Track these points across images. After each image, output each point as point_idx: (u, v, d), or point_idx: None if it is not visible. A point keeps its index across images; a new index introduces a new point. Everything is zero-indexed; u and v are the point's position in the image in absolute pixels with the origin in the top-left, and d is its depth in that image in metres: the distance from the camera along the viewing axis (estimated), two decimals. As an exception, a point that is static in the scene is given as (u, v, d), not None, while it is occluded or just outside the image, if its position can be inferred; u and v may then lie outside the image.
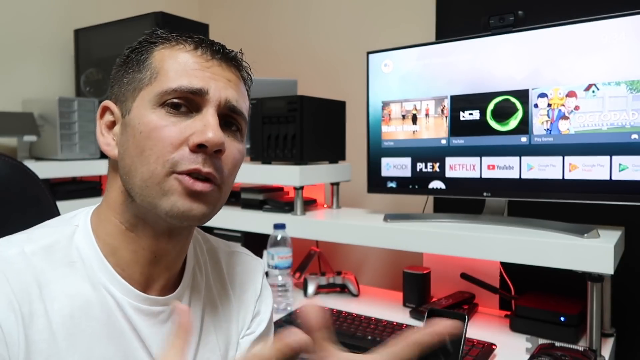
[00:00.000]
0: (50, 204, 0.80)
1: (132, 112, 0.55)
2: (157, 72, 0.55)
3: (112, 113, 0.58)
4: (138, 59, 0.57)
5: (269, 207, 1.41)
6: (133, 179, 0.54)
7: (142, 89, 0.55)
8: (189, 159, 0.53)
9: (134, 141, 0.54)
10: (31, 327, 0.51)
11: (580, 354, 0.91)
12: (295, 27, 1.92)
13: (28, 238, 0.56)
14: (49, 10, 1.71)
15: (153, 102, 0.54)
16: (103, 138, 0.59)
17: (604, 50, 1.01)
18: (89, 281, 0.55)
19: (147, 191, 0.53)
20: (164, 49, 0.57)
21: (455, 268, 1.27)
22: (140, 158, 0.53)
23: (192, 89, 0.54)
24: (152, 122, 0.53)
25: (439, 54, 1.21)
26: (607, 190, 1.02)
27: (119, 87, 0.58)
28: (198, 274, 0.65)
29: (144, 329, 0.57)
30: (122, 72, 0.58)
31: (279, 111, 1.33)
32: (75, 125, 1.51)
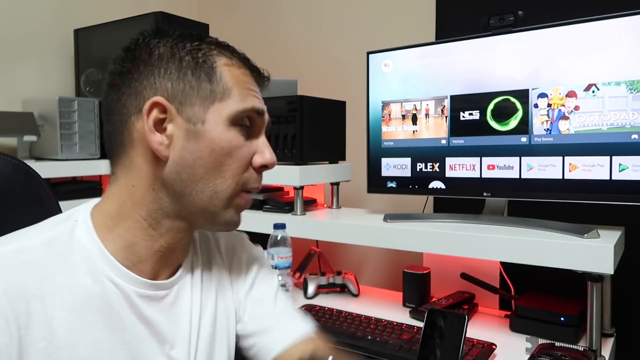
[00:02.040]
0: (53, 204, 0.80)
1: (209, 125, 0.57)
2: (230, 89, 0.58)
3: (164, 111, 0.56)
4: (202, 66, 0.58)
5: (269, 207, 1.41)
6: (202, 188, 0.58)
7: (215, 102, 0.58)
8: (255, 178, 0.61)
9: (212, 154, 0.57)
10: (28, 327, 0.50)
11: (580, 354, 0.91)
12: (295, 27, 1.92)
13: (27, 234, 0.56)
14: (49, 10, 1.71)
15: (230, 120, 0.58)
16: (155, 136, 0.56)
17: (604, 50, 1.01)
18: (90, 275, 0.56)
19: (215, 202, 0.59)
20: (227, 66, 0.59)
21: (455, 268, 1.27)
22: (216, 171, 0.58)
23: (259, 110, 0.61)
24: (233, 141, 0.58)
25: (439, 54, 1.21)
26: (607, 190, 1.02)
27: (175, 87, 0.57)
28: (193, 255, 0.68)
29: (153, 314, 0.59)
30: (177, 73, 0.57)
31: (279, 111, 1.33)
32: (75, 125, 1.50)
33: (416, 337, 1.00)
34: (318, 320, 1.12)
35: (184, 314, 0.63)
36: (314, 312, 1.17)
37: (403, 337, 1.02)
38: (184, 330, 0.63)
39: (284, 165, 1.34)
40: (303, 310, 1.18)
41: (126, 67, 0.59)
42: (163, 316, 0.60)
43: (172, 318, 0.62)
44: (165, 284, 0.62)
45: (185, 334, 0.63)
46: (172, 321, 0.61)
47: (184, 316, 0.63)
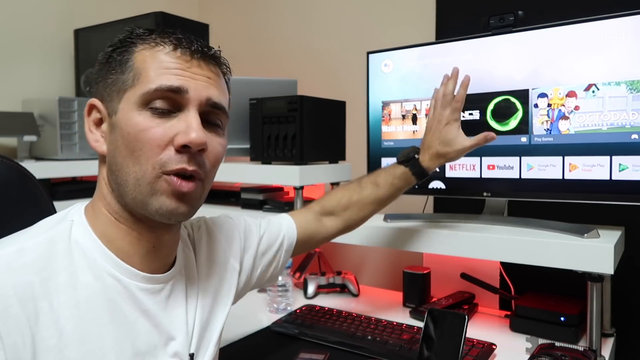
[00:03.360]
0: (48, 204, 0.80)
1: (119, 113, 0.58)
2: (139, 74, 0.58)
3: (98, 111, 0.61)
4: (120, 59, 0.60)
5: (269, 207, 1.41)
6: (126, 177, 0.58)
7: (127, 91, 0.58)
8: (175, 159, 0.57)
9: (124, 142, 0.57)
10: (38, 326, 0.51)
11: (580, 354, 0.90)
12: (296, 27, 1.92)
13: (25, 236, 0.57)
14: (49, 10, 1.71)
15: (138, 104, 0.57)
16: (92, 135, 0.62)
17: (604, 50, 1.01)
18: (92, 272, 0.57)
19: (139, 189, 0.57)
20: (144, 50, 0.59)
21: (455, 268, 1.27)
22: (132, 158, 0.57)
23: (171, 88, 0.57)
24: (139, 124, 0.56)
25: (439, 54, 1.21)
26: (607, 190, 1.02)
27: (103, 86, 0.61)
28: (186, 251, 0.72)
29: (152, 306, 0.62)
30: (105, 72, 0.61)
31: (279, 111, 1.33)
32: (75, 125, 1.51)
33: (416, 337, 1.00)
34: (318, 320, 1.12)
35: (179, 306, 0.66)
36: (314, 312, 1.17)
37: (403, 337, 1.02)
38: (181, 323, 0.65)
39: (284, 165, 1.34)
40: (303, 311, 1.18)
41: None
42: (161, 309, 0.63)
43: (168, 311, 0.64)
44: (161, 278, 0.64)
45: (182, 326, 0.65)
46: (168, 313, 0.64)
47: (179, 309, 0.66)
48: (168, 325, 0.63)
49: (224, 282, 0.76)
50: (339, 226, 0.98)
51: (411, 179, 1.00)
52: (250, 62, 2.00)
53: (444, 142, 0.99)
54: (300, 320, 1.12)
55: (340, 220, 0.98)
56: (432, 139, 1.00)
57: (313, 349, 0.99)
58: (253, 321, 1.16)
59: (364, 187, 1.00)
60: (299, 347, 1.00)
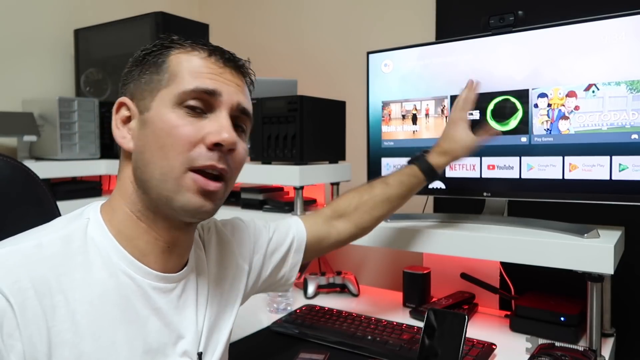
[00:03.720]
0: (52, 205, 0.80)
1: (152, 110, 0.60)
2: (175, 75, 0.60)
3: (128, 109, 0.63)
4: (155, 61, 0.62)
5: (269, 207, 1.41)
6: (152, 172, 0.59)
7: (161, 90, 0.60)
8: (205, 155, 0.59)
9: (154, 137, 0.59)
10: (54, 319, 0.53)
11: (580, 354, 0.90)
12: (296, 27, 1.92)
13: (43, 231, 0.59)
14: (49, 10, 1.71)
15: (172, 103, 0.59)
16: (119, 131, 0.63)
17: (604, 50, 1.01)
18: (106, 270, 0.58)
19: (165, 185, 0.58)
20: (180, 54, 0.62)
21: (455, 268, 1.27)
22: (160, 153, 0.58)
23: (207, 90, 0.60)
24: (172, 121, 0.58)
25: (439, 54, 1.21)
26: (607, 190, 1.02)
27: (135, 86, 0.63)
28: (197, 251, 0.73)
29: (164, 305, 0.63)
30: (138, 72, 0.63)
31: (279, 111, 1.33)
32: (75, 125, 1.51)
33: (416, 337, 1.00)
34: (318, 320, 1.12)
35: (189, 306, 0.67)
36: (314, 312, 1.17)
37: (403, 337, 1.02)
38: (191, 322, 0.66)
39: (284, 165, 1.34)
40: (303, 311, 1.19)
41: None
42: (172, 308, 0.64)
43: (179, 309, 0.65)
44: (174, 277, 0.65)
45: (192, 325, 0.66)
46: (179, 312, 0.65)
47: (189, 308, 0.67)
48: (178, 324, 0.64)
49: (233, 283, 0.77)
50: (351, 228, 0.98)
51: (420, 176, 1.02)
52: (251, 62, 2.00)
53: (449, 139, 1.04)
54: (300, 320, 1.12)
55: (352, 222, 0.98)
56: (441, 137, 1.06)
57: (313, 349, 0.99)
58: (253, 321, 1.16)
59: (374, 187, 1.01)
60: (299, 347, 1.00)
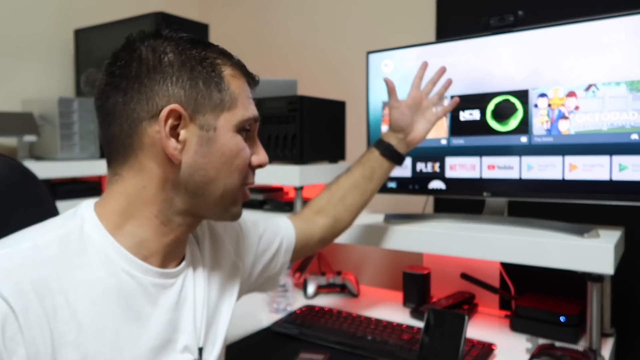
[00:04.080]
0: (51, 204, 0.80)
1: (220, 131, 0.63)
2: (236, 99, 0.65)
3: (178, 118, 0.60)
4: (211, 75, 0.63)
5: (269, 207, 1.41)
6: (216, 187, 0.64)
7: (224, 111, 0.64)
8: (252, 175, 0.70)
9: (222, 156, 0.63)
10: (56, 321, 0.53)
11: (580, 354, 0.91)
12: (296, 27, 1.92)
13: (38, 232, 0.58)
14: (49, 10, 1.71)
15: (237, 127, 0.65)
16: (170, 142, 0.60)
17: (604, 50, 1.01)
18: (105, 268, 0.58)
19: (226, 198, 0.66)
20: (232, 77, 0.65)
21: (455, 268, 1.27)
22: (227, 171, 0.64)
23: (257, 118, 0.69)
24: (239, 144, 0.65)
25: (439, 54, 1.21)
26: (607, 190, 1.02)
27: (187, 95, 0.60)
28: (192, 247, 0.74)
29: (165, 301, 0.64)
30: (188, 81, 0.61)
31: (279, 111, 1.33)
32: (75, 125, 1.50)
33: (416, 337, 1.00)
34: (318, 320, 1.12)
35: (188, 301, 0.67)
36: (314, 312, 1.17)
37: (403, 337, 1.02)
38: (190, 317, 0.67)
39: (284, 165, 1.34)
40: (303, 311, 1.19)
41: (131, 71, 0.61)
42: (172, 303, 0.65)
43: (179, 305, 0.66)
44: (173, 273, 0.66)
45: (190, 320, 0.67)
46: (179, 308, 0.66)
47: (188, 303, 0.67)
48: (179, 319, 0.65)
49: (228, 279, 0.78)
50: (330, 222, 1.01)
51: (375, 152, 1.06)
52: (250, 62, 1.99)
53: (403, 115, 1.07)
54: (300, 320, 1.12)
55: (329, 216, 1.01)
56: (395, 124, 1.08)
57: (313, 349, 0.99)
58: (253, 321, 1.16)
59: (339, 178, 1.06)
60: (299, 347, 1.00)
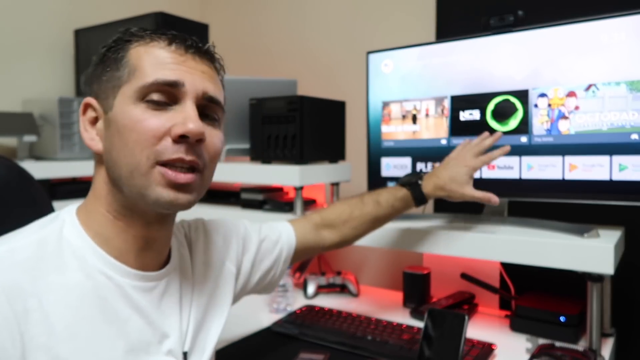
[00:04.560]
0: (47, 204, 0.80)
1: (115, 108, 0.58)
2: (135, 69, 0.58)
3: (94, 110, 0.62)
4: (115, 57, 0.60)
5: (269, 207, 1.41)
6: (119, 170, 0.58)
7: (122, 86, 0.58)
8: (172, 149, 0.57)
9: (119, 135, 0.57)
10: (27, 324, 0.52)
11: (580, 354, 0.91)
12: (296, 27, 1.92)
13: (16, 236, 0.58)
14: (49, 10, 1.71)
15: (134, 98, 0.57)
16: (87, 133, 0.62)
17: (604, 50, 1.01)
18: (82, 271, 0.57)
19: (134, 181, 0.57)
20: (139, 46, 0.60)
21: (455, 268, 1.27)
22: (125, 150, 0.57)
23: (168, 82, 0.57)
24: (135, 116, 0.56)
25: (439, 54, 1.21)
26: (607, 190, 1.02)
27: (98, 85, 0.61)
28: (182, 250, 0.72)
29: (145, 304, 0.62)
30: (100, 71, 0.61)
31: (279, 111, 1.33)
32: (75, 125, 1.50)
33: (416, 337, 1.00)
34: (318, 320, 1.12)
35: (173, 305, 0.66)
36: (314, 312, 1.17)
37: (403, 337, 1.01)
38: (175, 321, 0.65)
39: (284, 165, 1.34)
40: (303, 311, 1.18)
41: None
42: (154, 307, 0.63)
43: (162, 309, 0.64)
44: (154, 276, 0.64)
45: (176, 324, 0.65)
46: (162, 311, 0.64)
47: (173, 307, 0.66)
48: (162, 323, 0.63)
49: (220, 285, 0.76)
50: (335, 240, 0.99)
51: (411, 203, 1.02)
52: (251, 62, 2.00)
53: (454, 180, 1.00)
54: (301, 320, 1.12)
55: (338, 233, 0.99)
56: (444, 173, 1.02)
57: (313, 349, 0.99)
58: (253, 321, 1.16)
59: (366, 204, 1.00)
60: (299, 348, 1.00)
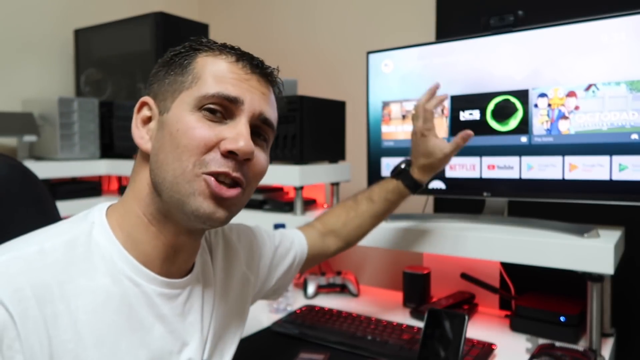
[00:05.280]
0: (51, 204, 0.80)
1: (171, 112, 0.58)
2: (199, 77, 0.58)
3: (149, 109, 0.62)
4: (181, 62, 0.60)
5: (269, 207, 1.41)
6: (165, 174, 0.57)
7: (183, 92, 0.58)
8: (219, 161, 0.56)
9: (170, 138, 0.57)
10: (56, 328, 0.51)
11: (580, 354, 0.91)
12: (296, 27, 1.92)
13: (46, 235, 0.57)
14: (49, 10, 1.71)
15: (192, 105, 0.57)
16: (138, 131, 0.61)
17: (604, 50, 1.01)
18: (110, 276, 0.57)
19: (177, 187, 0.56)
20: (207, 57, 0.60)
21: (455, 268, 1.27)
22: (174, 154, 0.56)
23: (229, 97, 0.57)
24: (190, 122, 0.56)
25: (439, 54, 1.21)
26: (607, 190, 1.02)
27: (158, 86, 0.61)
28: (204, 256, 0.71)
29: (168, 312, 0.61)
30: (164, 73, 0.61)
31: (279, 111, 1.33)
32: (75, 125, 1.51)
33: (416, 337, 1.00)
34: (318, 320, 1.12)
35: (194, 313, 0.65)
36: (314, 312, 1.17)
37: (403, 337, 1.02)
38: (196, 329, 0.65)
39: (284, 165, 1.34)
40: (303, 311, 1.18)
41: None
42: (176, 314, 0.63)
43: (184, 316, 0.64)
44: (179, 283, 0.63)
45: (197, 332, 0.65)
46: (183, 319, 0.64)
47: (195, 315, 0.65)
48: (183, 331, 0.63)
49: (239, 293, 0.75)
50: (340, 244, 0.99)
51: (404, 191, 1.00)
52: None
53: (425, 154, 0.98)
54: (301, 320, 1.12)
55: (341, 238, 0.99)
56: (416, 151, 0.99)
57: (313, 349, 0.99)
58: (253, 321, 1.16)
59: (359, 204, 1.01)
60: (299, 347, 1.00)
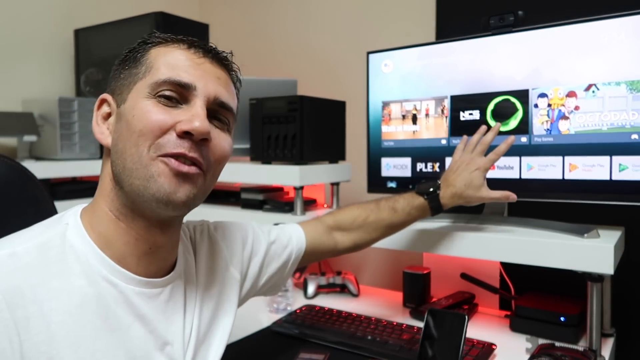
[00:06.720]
0: (49, 204, 0.80)
1: (127, 102, 0.59)
2: (151, 67, 0.59)
3: (109, 105, 0.63)
4: (135, 56, 0.62)
5: (269, 207, 1.41)
6: (123, 162, 0.57)
7: (137, 82, 0.60)
8: (174, 142, 0.56)
9: (127, 125, 0.58)
10: (28, 331, 0.50)
11: (580, 354, 0.90)
12: (296, 27, 1.92)
13: (19, 239, 0.56)
14: (49, 10, 1.71)
15: (146, 93, 0.58)
16: (98, 127, 0.63)
17: (604, 50, 1.01)
18: (86, 277, 0.56)
19: (136, 173, 0.56)
20: (160, 47, 0.62)
21: (455, 268, 1.27)
22: (131, 140, 0.57)
23: (180, 82, 0.58)
24: (145, 107, 0.57)
25: (439, 54, 1.21)
26: (607, 190, 1.02)
27: (115, 82, 0.63)
28: (187, 255, 0.71)
29: (149, 311, 0.60)
30: (120, 69, 0.63)
31: (279, 111, 1.33)
32: (75, 125, 1.50)
33: (416, 337, 1.00)
34: (318, 320, 1.12)
35: (177, 312, 0.65)
36: (314, 312, 1.17)
37: (403, 337, 1.02)
38: (178, 328, 0.64)
39: (284, 165, 1.34)
40: (303, 311, 1.18)
41: None
42: (158, 313, 0.62)
43: (166, 315, 0.63)
44: (159, 282, 0.63)
45: (179, 331, 0.64)
46: (166, 318, 0.63)
47: (177, 314, 0.65)
48: (165, 330, 0.62)
49: (225, 291, 0.75)
50: (348, 244, 0.98)
51: (427, 212, 1.00)
52: (250, 62, 2.00)
53: (470, 186, 0.98)
54: (301, 320, 1.12)
55: (351, 238, 0.98)
56: (458, 179, 0.99)
57: (313, 349, 0.99)
58: (253, 321, 1.16)
59: (381, 210, 0.99)
60: (299, 347, 1.00)
